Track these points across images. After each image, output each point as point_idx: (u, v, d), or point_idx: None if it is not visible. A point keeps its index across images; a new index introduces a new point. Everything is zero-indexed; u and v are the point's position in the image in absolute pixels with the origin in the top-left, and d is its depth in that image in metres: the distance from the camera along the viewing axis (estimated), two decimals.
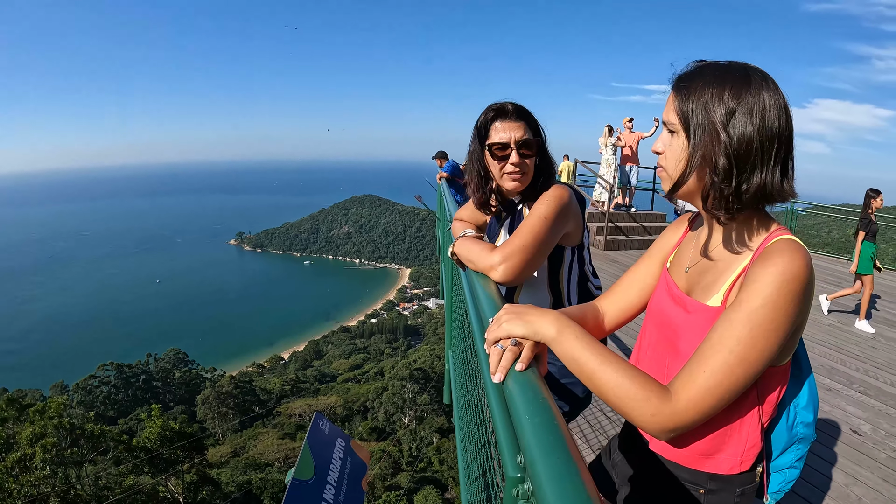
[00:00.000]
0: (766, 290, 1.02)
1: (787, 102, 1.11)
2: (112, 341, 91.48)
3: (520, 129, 2.01)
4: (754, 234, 1.19)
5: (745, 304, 1.04)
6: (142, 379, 53.47)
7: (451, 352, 4.08)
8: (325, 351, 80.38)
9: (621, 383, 1.05)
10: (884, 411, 4.80)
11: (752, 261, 1.12)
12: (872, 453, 4.06)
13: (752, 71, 1.12)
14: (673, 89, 1.17)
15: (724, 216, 1.14)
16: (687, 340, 1.21)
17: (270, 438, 34.58)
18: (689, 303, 1.25)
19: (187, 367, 62.24)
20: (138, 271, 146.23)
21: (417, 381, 40.55)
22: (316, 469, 1.28)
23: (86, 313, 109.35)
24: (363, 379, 55.39)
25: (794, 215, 14.24)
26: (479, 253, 1.86)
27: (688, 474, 1.29)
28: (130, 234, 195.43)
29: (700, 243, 1.31)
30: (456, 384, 3.23)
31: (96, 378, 51.08)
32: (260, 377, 60.19)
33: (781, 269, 1.03)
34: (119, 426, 37.70)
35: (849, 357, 6.10)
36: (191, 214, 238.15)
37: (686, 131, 1.14)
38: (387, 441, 35.14)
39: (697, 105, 1.11)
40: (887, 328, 7.35)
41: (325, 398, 44.44)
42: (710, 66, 1.15)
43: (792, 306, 1.03)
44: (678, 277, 1.34)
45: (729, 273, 1.18)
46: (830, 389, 5.18)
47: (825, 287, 9.55)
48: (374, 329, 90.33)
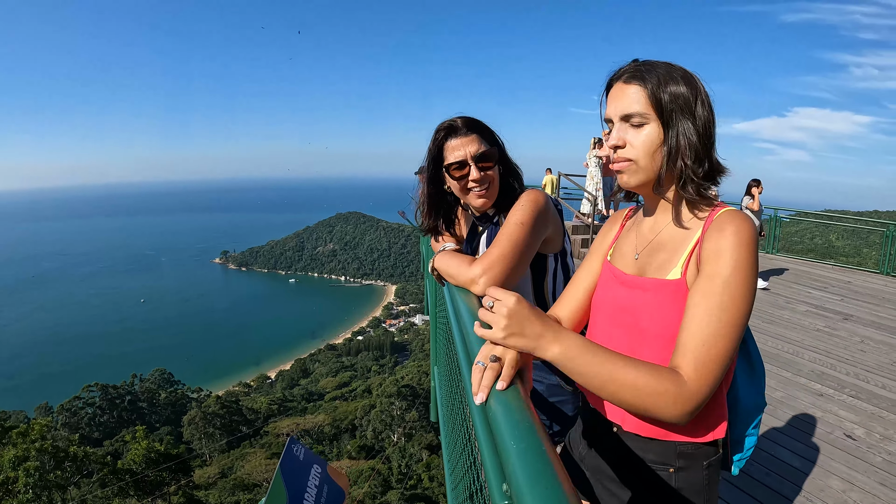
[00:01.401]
0: (732, 257, 1.13)
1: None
2: (97, 362, 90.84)
3: (474, 142, 1.95)
4: (700, 210, 1.28)
5: (717, 274, 1.14)
6: (127, 400, 52.87)
7: (437, 368, 4.01)
8: (311, 369, 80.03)
9: (637, 383, 1.06)
10: (877, 414, 4.76)
11: (703, 232, 1.22)
12: (868, 457, 4.02)
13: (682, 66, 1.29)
14: (634, 82, 1.25)
15: (695, 196, 1.25)
16: (650, 317, 1.28)
17: (258, 458, 34.20)
18: (645, 282, 1.32)
19: (173, 388, 61.86)
20: (123, 291, 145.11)
21: (405, 398, 40.38)
22: (289, 497, 1.20)
23: (70, 333, 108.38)
24: (351, 397, 55.03)
25: (777, 222, 14.33)
26: (459, 266, 1.80)
27: (659, 452, 1.33)
28: (114, 253, 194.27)
29: (644, 230, 1.40)
30: (442, 402, 3.15)
31: (81, 399, 50.40)
32: (247, 396, 59.74)
33: (739, 235, 1.14)
34: (104, 448, 37.36)
35: (838, 361, 6.07)
36: (174, 233, 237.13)
37: (661, 119, 1.23)
38: (376, 459, 34.87)
39: (667, 94, 1.22)
40: (875, 331, 7.35)
41: (312, 417, 44.13)
42: (654, 61, 1.28)
43: (754, 267, 1.14)
44: (625, 266, 1.41)
45: (683, 247, 1.27)
46: (822, 395, 5.14)
47: (811, 293, 9.60)
48: (361, 346, 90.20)
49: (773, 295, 9.36)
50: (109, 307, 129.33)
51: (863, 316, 8.14)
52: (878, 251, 12.71)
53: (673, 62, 1.27)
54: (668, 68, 1.25)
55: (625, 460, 1.39)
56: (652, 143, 1.24)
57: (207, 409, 43.69)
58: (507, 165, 2.05)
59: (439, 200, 2.09)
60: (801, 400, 5.02)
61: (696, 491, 1.33)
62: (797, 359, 6.13)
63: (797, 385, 5.37)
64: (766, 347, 6.53)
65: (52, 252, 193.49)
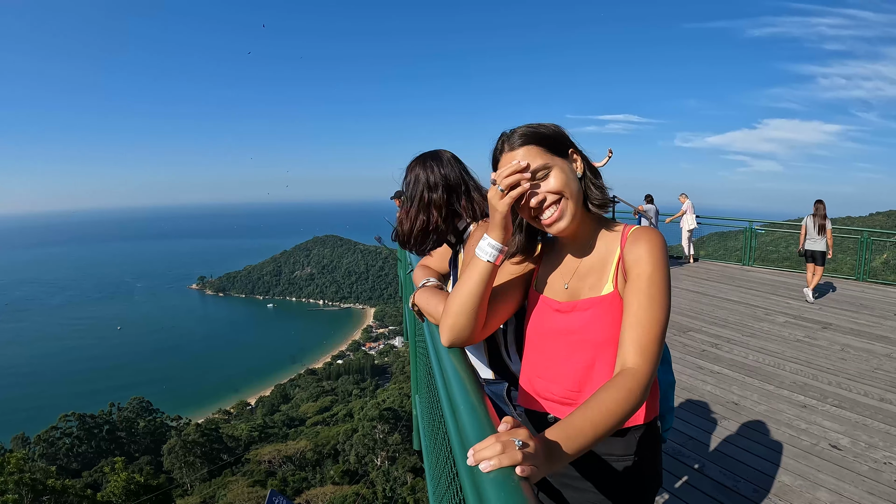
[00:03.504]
0: (651, 259, 1.41)
1: None
2: (73, 391, 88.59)
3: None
4: (612, 231, 1.56)
5: (642, 275, 1.41)
6: (105, 429, 51.68)
7: (418, 397, 3.94)
8: (292, 394, 79.05)
9: (609, 407, 1.21)
10: (861, 423, 4.77)
11: (622, 248, 1.49)
12: (854, 466, 4.02)
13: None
14: (525, 146, 1.47)
15: (602, 210, 1.56)
16: (597, 331, 1.49)
17: (240, 487, 33.67)
18: (582, 304, 1.53)
19: (152, 416, 60.57)
20: (99, 318, 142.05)
21: (387, 421, 40.00)
22: None
23: (46, 362, 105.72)
24: (332, 421, 54.43)
25: (753, 234, 14.49)
26: (437, 306, 1.81)
27: (622, 445, 1.53)
28: (89, 280, 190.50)
29: (568, 262, 1.61)
30: (425, 433, 3.09)
31: (58, 429, 49.19)
32: (227, 424, 58.74)
33: (652, 242, 1.44)
34: (83, 479, 36.77)
35: (820, 371, 6.09)
36: (149, 259, 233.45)
37: (563, 156, 1.51)
38: (360, 484, 34.40)
39: (550, 141, 1.49)
40: (854, 338, 7.42)
41: (294, 443, 43.49)
42: (527, 126, 1.52)
43: (668, 266, 1.44)
44: (555, 295, 1.61)
45: (609, 265, 1.52)
46: (805, 406, 5.15)
47: (789, 303, 9.68)
48: (341, 370, 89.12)
49: (751, 307, 9.42)
50: (85, 335, 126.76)
51: (842, 324, 8.22)
52: (854, 257, 12.91)
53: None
54: (535, 125, 1.52)
55: (590, 459, 1.55)
56: (569, 180, 1.48)
57: (187, 438, 42.97)
58: (454, 203, 2.07)
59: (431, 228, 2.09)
60: (784, 412, 5.02)
61: (652, 466, 1.59)
62: (779, 371, 6.14)
63: (780, 397, 5.38)
64: (746, 361, 6.55)
65: (25, 280, 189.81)
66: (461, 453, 1.03)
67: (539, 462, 1.00)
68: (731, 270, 13.58)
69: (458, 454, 1.09)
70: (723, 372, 6.17)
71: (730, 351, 6.96)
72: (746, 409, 5.12)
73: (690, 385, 5.77)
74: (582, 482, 1.57)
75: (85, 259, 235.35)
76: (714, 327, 8.13)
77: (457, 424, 1.19)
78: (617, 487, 1.55)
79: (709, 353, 6.86)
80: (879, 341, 7.31)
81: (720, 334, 7.74)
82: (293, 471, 38.24)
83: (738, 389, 5.62)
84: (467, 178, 2.11)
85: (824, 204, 10.19)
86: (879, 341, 7.31)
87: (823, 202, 10.21)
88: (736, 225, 16.78)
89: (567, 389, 1.54)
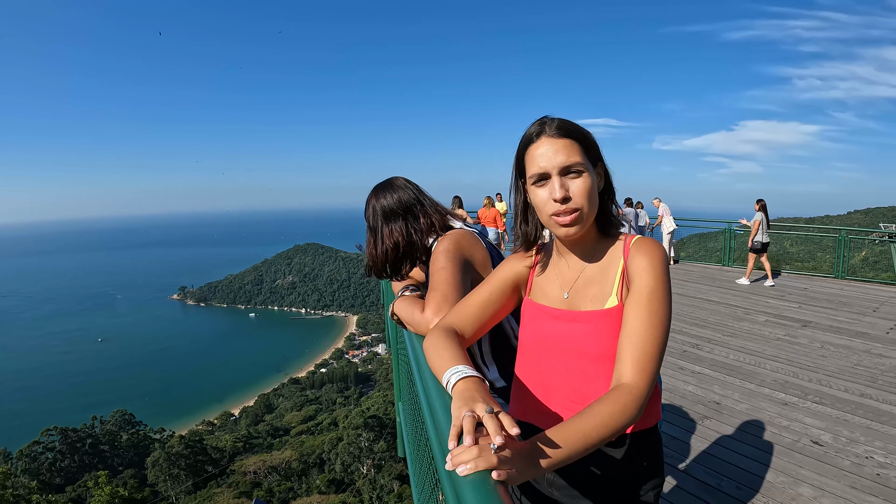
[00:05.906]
0: (653, 273, 1.38)
1: None
2: (55, 404, 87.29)
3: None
4: (614, 243, 1.51)
5: (644, 288, 1.37)
6: (88, 443, 50.77)
7: (401, 404, 3.94)
8: (276, 404, 78.35)
9: (603, 421, 1.18)
10: (841, 418, 4.82)
11: (625, 259, 1.44)
12: (836, 462, 4.07)
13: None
14: (568, 139, 1.41)
15: (612, 230, 1.52)
16: (598, 344, 1.44)
17: (226, 498, 33.43)
18: (583, 315, 1.48)
19: (135, 429, 59.77)
20: (79, 330, 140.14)
21: (372, 429, 39.83)
22: None
23: (26, 376, 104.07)
24: (317, 430, 54.12)
25: (731, 235, 14.63)
26: (413, 313, 1.85)
27: (625, 449, 1.50)
28: (68, 291, 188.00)
29: (567, 271, 1.56)
30: (409, 440, 3.09)
31: (40, 444, 48.41)
32: (211, 435, 58.15)
33: (654, 254, 1.40)
34: (67, 494, 36.29)
35: (800, 369, 6.15)
36: (129, 270, 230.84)
37: (592, 167, 1.43)
38: (346, 492, 34.21)
39: (589, 145, 1.44)
40: (834, 335, 7.51)
41: (279, 453, 43.20)
42: (559, 118, 1.45)
43: (669, 278, 1.40)
44: (555, 304, 1.55)
45: (612, 277, 1.46)
46: (787, 404, 5.19)
47: (769, 302, 9.77)
48: (325, 379, 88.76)
49: (731, 307, 9.50)
50: (65, 347, 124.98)
51: (821, 321, 8.32)
52: (832, 255, 13.08)
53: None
54: (575, 123, 1.46)
55: (587, 464, 1.52)
56: (591, 190, 1.41)
57: (171, 450, 42.45)
58: (416, 225, 2.13)
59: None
60: (765, 410, 5.06)
61: (654, 471, 1.55)
62: (759, 369, 6.20)
63: (761, 396, 5.42)
64: (727, 360, 6.60)
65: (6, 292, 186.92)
66: (441, 458, 1.03)
67: (518, 465, 0.99)
68: (710, 271, 13.71)
69: (439, 459, 1.09)
70: (704, 372, 6.21)
71: (710, 351, 7.01)
72: (728, 409, 5.15)
73: (672, 386, 5.80)
74: (576, 490, 1.54)
75: (62, 270, 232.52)
76: (695, 328, 8.19)
77: (436, 430, 1.19)
78: (616, 494, 1.53)
79: (689, 354, 6.91)
80: (859, 338, 7.41)
81: (701, 335, 7.80)
82: (279, 481, 37.96)
83: (719, 389, 5.66)
84: (423, 197, 2.16)
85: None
86: (859, 338, 7.41)
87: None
88: (716, 227, 16.96)
89: (566, 400, 1.50)
